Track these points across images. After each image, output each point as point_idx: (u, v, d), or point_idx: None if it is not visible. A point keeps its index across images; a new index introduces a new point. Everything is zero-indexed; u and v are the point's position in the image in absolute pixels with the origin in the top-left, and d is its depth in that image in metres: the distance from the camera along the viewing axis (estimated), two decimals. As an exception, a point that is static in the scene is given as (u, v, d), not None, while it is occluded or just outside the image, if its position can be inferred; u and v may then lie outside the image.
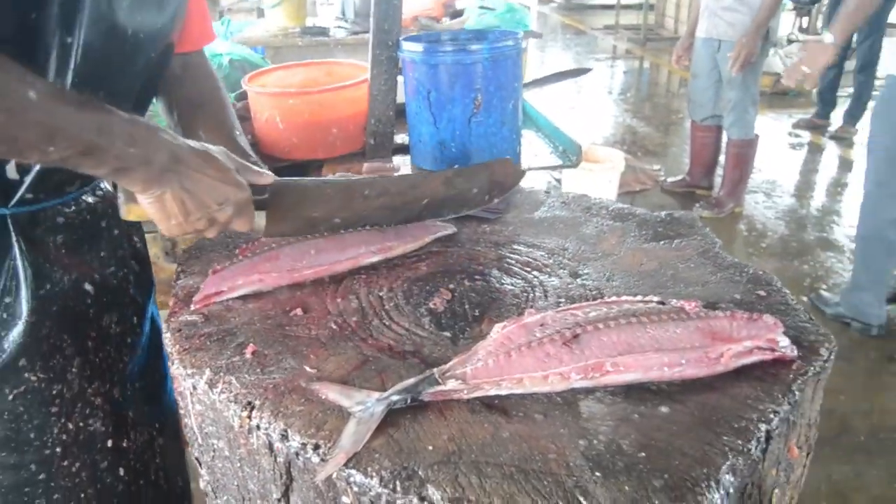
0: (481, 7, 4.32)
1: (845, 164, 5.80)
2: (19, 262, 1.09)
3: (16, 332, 1.10)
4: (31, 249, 1.10)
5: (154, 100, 1.36)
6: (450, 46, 1.64)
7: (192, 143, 1.03)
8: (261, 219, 1.13)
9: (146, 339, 1.38)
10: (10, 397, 1.11)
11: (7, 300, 1.10)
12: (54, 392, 1.15)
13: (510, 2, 4.49)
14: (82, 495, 1.21)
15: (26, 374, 1.12)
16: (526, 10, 4.38)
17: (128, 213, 1.08)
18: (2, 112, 0.83)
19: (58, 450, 1.17)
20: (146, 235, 1.79)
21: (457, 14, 4.64)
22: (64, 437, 1.17)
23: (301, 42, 4.19)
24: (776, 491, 0.90)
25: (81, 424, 1.19)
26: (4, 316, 1.10)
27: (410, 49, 1.64)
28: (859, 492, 2.47)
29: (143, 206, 1.02)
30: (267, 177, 1.13)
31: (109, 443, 1.24)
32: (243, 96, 2.04)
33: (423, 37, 1.74)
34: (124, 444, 1.28)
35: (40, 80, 0.87)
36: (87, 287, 1.17)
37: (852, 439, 2.72)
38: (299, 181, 1.24)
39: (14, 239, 1.09)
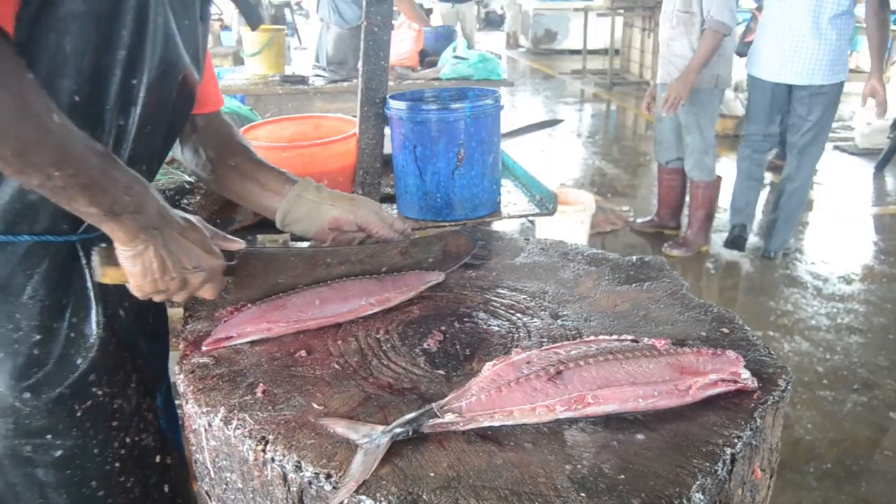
0: (455, 56, 4.47)
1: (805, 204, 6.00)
2: (89, 284, 1.16)
3: (86, 349, 1.16)
4: None
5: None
6: (434, 105, 1.75)
7: (175, 210, 1.13)
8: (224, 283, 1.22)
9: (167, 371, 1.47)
10: (79, 413, 1.17)
11: (74, 320, 1.16)
12: (115, 406, 1.21)
13: (482, 52, 4.65)
14: None
15: (94, 389, 1.18)
16: (497, 60, 4.53)
17: (103, 275, 1.13)
18: (28, 129, 0.91)
19: (117, 465, 1.23)
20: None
21: (432, 63, 4.79)
22: (122, 451, 1.23)
23: (281, 90, 4.30)
24: (742, 510, 1.00)
25: (137, 439, 1.26)
26: (72, 335, 1.16)
27: (397, 107, 1.76)
28: (827, 518, 2.58)
29: (122, 259, 1.08)
30: (237, 244, 1.24)
31: (157, 458, 1.31)
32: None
33: (409, 95, 1.85)
34: (168, 461, 1.34)
35: (58, 110, 0.95)
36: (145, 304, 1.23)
37: (820, 466, 2.83)
38: (266, 249, 1.35)
39: (84, 262, 1.16)
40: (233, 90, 4.20)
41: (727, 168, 6.56)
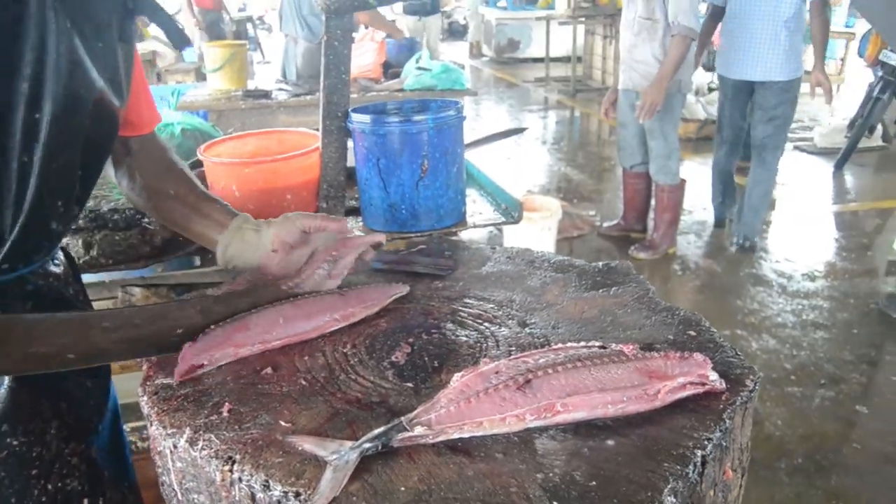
0: (418, 68, 4.48)
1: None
2: None
3: None
4: None
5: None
6: (396, 117, 1.75)
7: None
8: None
9: (112, 401, 1.42)
10: None
11: None
12: (34, 454, 1.17)
13: (445, 62, 4.67)
14: None
15: (8, 440, 1.14)
16: (461, 70, 4.55)
17: None
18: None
19: None
20: (105, 302, 1.84)
21: (395, 75, 4.79)
22: (44, 498, 1.19)
23: (244, 105, 4.28)
24: (714, 511, 1.00)
25: (60, 485, 1.21)
26: None
27: (360, 120, 1.75)
28: (800, 513, 2.61)
29: None
30: None
31: (85, 502, 1.25)
32: (198, 164, 2.11)
33: (371, 108, 1.84)
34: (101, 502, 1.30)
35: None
36: None
37: (791, 462, 2.87)
38: (26, 316, 1.17)
39: None
40: (195, 106, 4.18)
41: (691, 171, 6.65)
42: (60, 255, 1.34)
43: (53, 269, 1.29)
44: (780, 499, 2.67)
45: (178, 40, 1.43)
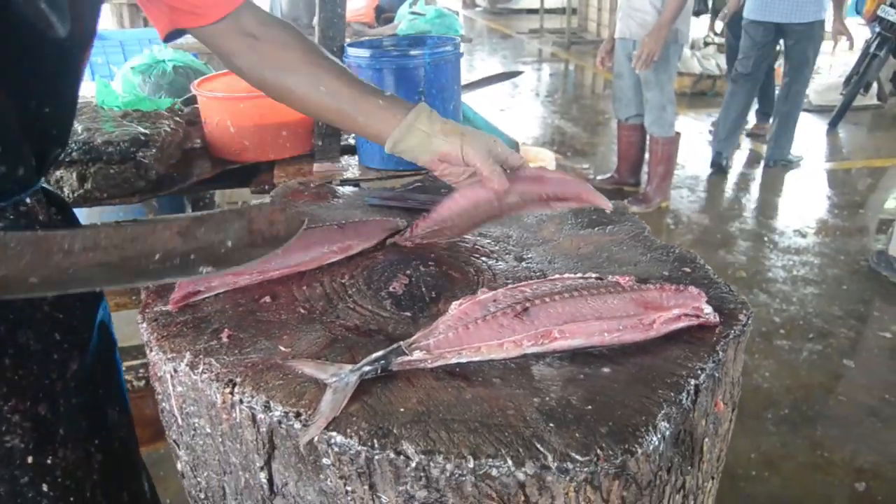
0: (412, 13, 4.41)
1: (759, 160, 6.09)
2: None
3: None
4: None
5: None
6: (393, 52, 1.73)
7: None
8: None
9: (91, 352, 1.31)
10: None
11: None
12: None
13: (439, 8, 4.60)
14: None
15: None
16: (455, 16, 4.49)
17: None
18: None
19: None
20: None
21: (388, 20, 4.73)
22: None
23: (235, 48, 4.21)
24: (706, 440, 1.02)
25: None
26: None
27: (356, 55, 1.73)
28: (787, 459, 2.66)
29: None
30: None
31: (30, 459, 1.18)
32: (192, 100, 2.10)
33: (367, 43, 1.83)
34: (49, 461, 1.21)
35: None
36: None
37: (777, 412, 2.91)
38: None
39: None
40: (185, 48, 4.09)
41: (685, 126, 6.63)
42: (29, 200, 1.20)
43: (10, 215, 1.16)
44: (766, 448, 2.72)
45: None
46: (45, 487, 1.21)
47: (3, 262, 0.97)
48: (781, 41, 5.57)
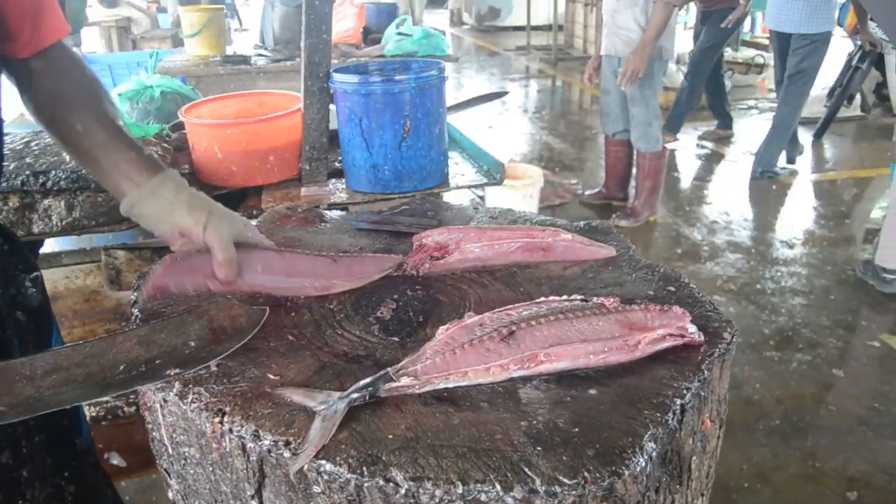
0: (399, 33, 4.44)
1: (746, 172, 6.13)
2: None
3: None
4: None
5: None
6: (378, 77, 1.75)
7: None
8: None
9: None
10: None
11: None
12: None
13: (426, 27, 4.63)
14: None
15: None
16: (442, 36, 4.52)
17: None
18: None
19: None
20: (89, 266, 1.83)
21: (375, 41, 4.76)
22: None
23: (223, 71, 4.23)
24: (694, 459, 1.03)
25: None
26: None
27: (342, 80, 1.75)
28: (778, 471, 2.67)
29: None
30: None
31: None
32: (179, 127, 2.10)
33: (353, 68, 1.84)
34: None
35: None
36: None
37: (768, 424, 2.92)
38: None
39: None
40: (173, 72, 4.12)
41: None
42: None
43: None
44: (757, 459, 2.73)
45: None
46: None
47: None
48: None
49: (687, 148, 6.88)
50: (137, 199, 1.22)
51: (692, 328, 1.07)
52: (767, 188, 5.82)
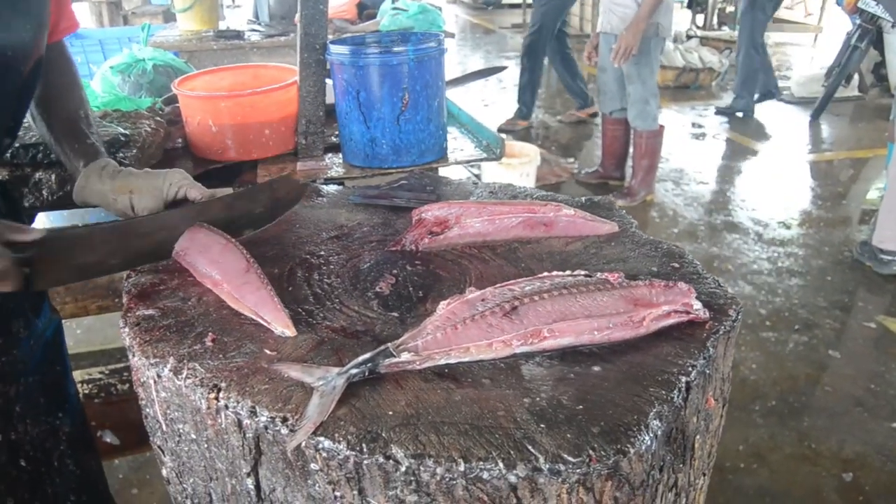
0: (394, 8, 4.38)
1: (744, 152, 6.11)
2: None
3: None
4: None
5: None
6: (376, 48, 1.71)
7: None
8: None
9: (41, 332, 1.41)
10: None
11: None
12: None
13: (422, 3, 4.57)
14: None
15: None
16: (438, 11, 4.46)
17: None
18: None
19: None
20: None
21: (370, 16, 4.69)
22: None
23: (216, 46, 4.16)
24: (698, 437, 1.01)
25: None
26: None
27: (338, 52, 1.71)
28: (774, 451, 2.66)
29: None
30: (31, 232, 1.12)
31: None
32: (172, 100, 2.06)
33: (350, 40, 1.80)
34: (12, 437, 1.30)
35: None
36: None
37: (764, 404, 2.92)
38: (70, 230, 1.25)
39: None
40: (165, 46, 4.04)
41: (669, 119, 6.64)
42: None
43: None
44: (754, 439, 2.72)
45: None
46: (22, 462, 1.30)
47: (94, 250, 1.19)
48: None
49: (682, 127, 6.85)
50: (78, 189, 1.34)
51: (697, 305, 1.05)
52: (765, 168, 5.80)
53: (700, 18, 10.08)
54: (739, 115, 7.15)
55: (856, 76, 7.37)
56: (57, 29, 1.34)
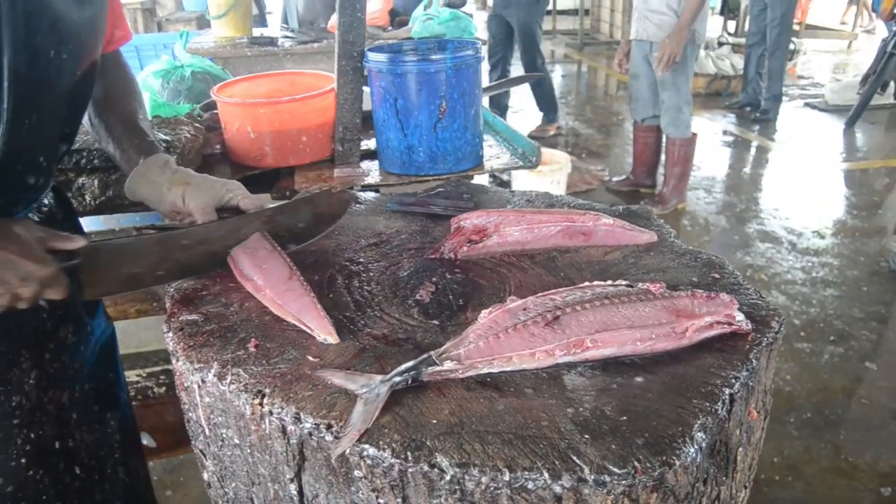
0: (426, 15, 4.39)
1: (776, 160, 6.05)
2: None
3: None
4: None
5: None
6: (413, 56, 1.72)
7: None
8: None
9: (97, 339, 1.43)
10: None
11: None
12: (14, 404, 1.19)
13: (454, 10, 4.58)
14: (44, 497, 1.25)
15: None
16: (470, 18, 4.46)
17: None
18: None
19: (23, 461, 1.21)
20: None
21: (402, 23, 4.71)
22: (27, 447, 1.21)
23: (250, 52, 4.21)
24: (740, 450, 1.00)
25: (41, 432, 1.23)
26: None
27: (376, 59, 1.72)
28: (810, 464, 2.63)
29: None
30: (76, 241, 1.13)
31: (57, 444, 1.28)
32: (211, 106, 2.09)
33: (387, 47, 1.81)
34: (70, 444, 1.31)
35: None
36: (42, 302, 1.11)
37: (800, 416, 2.88)
38: (114, 241, 1.29)
39: None
40: (200, 53, 4.11)
41: (701, 126, 6.59)
42: (48, 200, 1.33)
43: (35, 217, 1.27)
44: (789, 452, 2.69)
45: None
46: (77, 470, 1.32)
47: (139, 261, 1.21)
48: None
49: (714, 135, 6.79)
50: (132, 185, 1.35)
51: (740, 316, 1.04)
52: (797, 177, 5.73)
53: (732, 25, 10.01)
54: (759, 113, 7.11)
55: (892, 83, 7.26)
56: (113, 38, 1.36)
